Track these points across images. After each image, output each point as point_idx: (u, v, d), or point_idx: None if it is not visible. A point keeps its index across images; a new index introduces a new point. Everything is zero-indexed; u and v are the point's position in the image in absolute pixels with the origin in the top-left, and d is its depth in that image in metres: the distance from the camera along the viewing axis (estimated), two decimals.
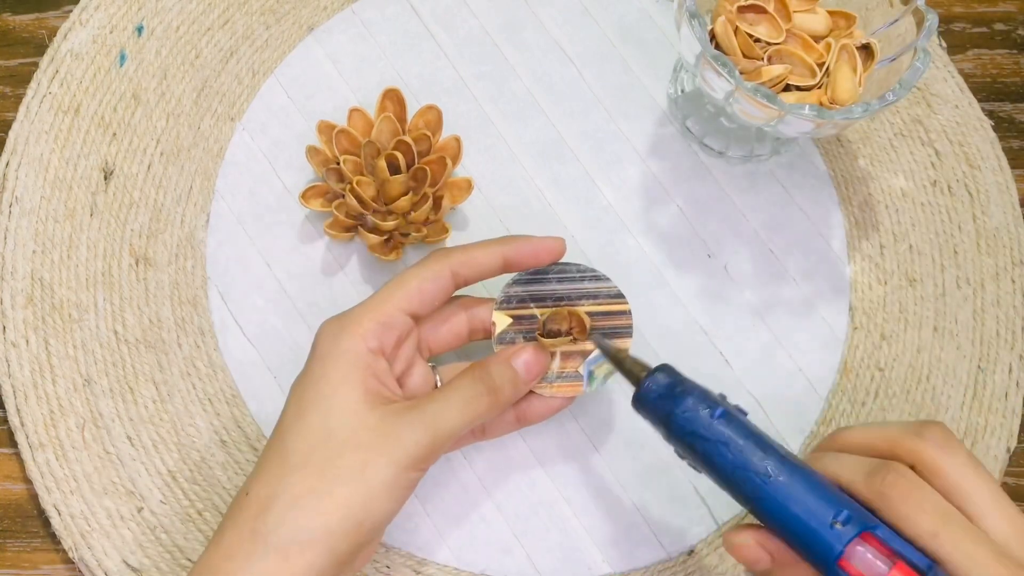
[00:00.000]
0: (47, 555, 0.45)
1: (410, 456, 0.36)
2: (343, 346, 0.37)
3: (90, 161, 0.48)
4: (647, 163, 0.50)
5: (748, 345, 0.48)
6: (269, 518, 0.35)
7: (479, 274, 0.40)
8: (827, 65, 0.44)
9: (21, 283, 0.47)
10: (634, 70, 0.51)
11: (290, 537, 0.34)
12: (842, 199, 0.50)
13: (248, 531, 0.35)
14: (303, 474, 0.35)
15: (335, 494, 0.35)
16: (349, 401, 0.36)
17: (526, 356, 0.40)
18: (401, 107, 0.47)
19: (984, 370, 0.48)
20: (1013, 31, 0.54)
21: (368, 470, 0.35)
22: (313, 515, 0.34)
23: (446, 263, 0.40)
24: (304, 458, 0.36)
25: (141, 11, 0.50)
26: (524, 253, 0.41)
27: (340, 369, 0.37)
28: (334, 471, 0.35)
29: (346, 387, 0.36)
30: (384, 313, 0.38)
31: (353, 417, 0.36)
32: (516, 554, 0.45)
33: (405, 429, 0.36)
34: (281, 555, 0.34)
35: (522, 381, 0.40)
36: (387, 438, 0.36)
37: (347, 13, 0.51)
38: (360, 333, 0.37)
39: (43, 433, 0.45)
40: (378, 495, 0.35)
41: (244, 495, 0.36)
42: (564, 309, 0.42)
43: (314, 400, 0.37)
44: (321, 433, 0.36)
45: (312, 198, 0.47)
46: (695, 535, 0.46)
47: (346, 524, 0.35)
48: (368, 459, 0.35)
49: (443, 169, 0.46)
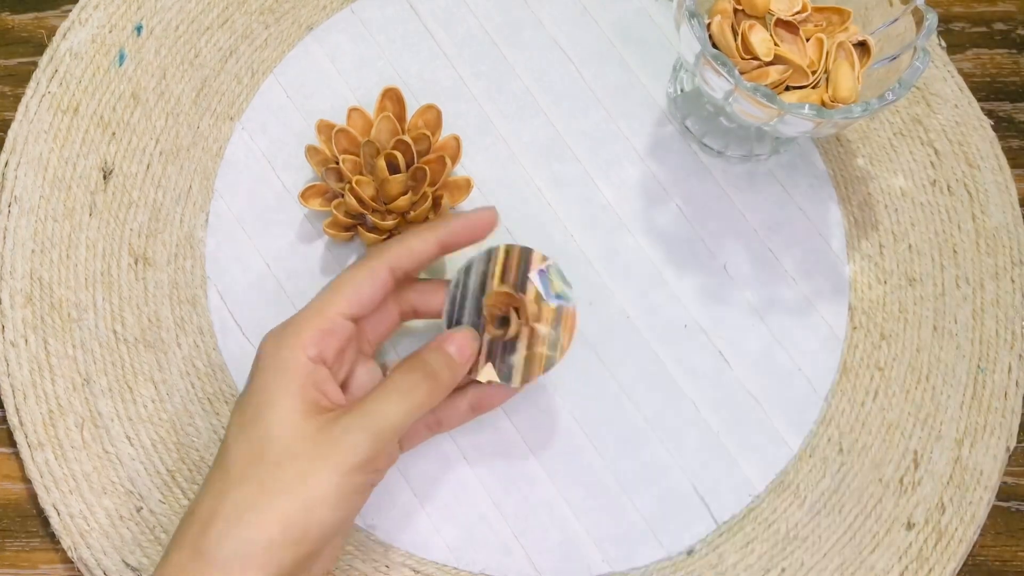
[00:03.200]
0: (46, 555, 0.45)
1: (351, 460, 0.35)
2: (282, 357, 0.37)
3: (89, 161, 0.48)
4: (646, 162, 0.50)
5: (748, 345, 0.48)
6: (210, 534, 0.34)
7: (417, 264, 0.41)
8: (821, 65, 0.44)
9: (20, 282, 0.47)
10: (633, 69, 0.51)
11: (232, 553, 0.34)
12: (841, 199, 0.50)
13: (190, 549, 0.34)
14: (243, 488, 0.35)
15: (275, 506, 0.34)
16: (288, 412, 0.36)
17: (458, 339, 0.40)
18: (400, 106, 0.47)
19: (984, 370, 0.48)
20: (1013, 31, 0.54)
21: (309, 480, 0.35)
22: (254, 529, 0.34)
23: (382, 260, 0.40)
24: (244, 472, 0.35)
25: (140, 10, 0.50)
26: (458, 232, 0.41)
27: (279, 381, 0.37)
28: (273, 483, 0.35)
29: (285, 399, 0.36)
30: (325, 319, 0.38)
31: (292, 428, 0.36)
32: (515, 554, 0.45)
33: (343, 434, 0.36)
34: (223, 572, 0.34)
35: (458, 364, 0.40)
36: (325, 445, 0.36)
37: (346, 13, 0.51)
38: (300, 344, 0.37)
39: (42, 432, 0.45)
40: (321, 503, 0.35)
41: (188, 514, 0.36)
42: (502, 290, 0.41)
43: (254, 414, 0.37)
44: (260, 446, 0.36)
45: (311, 197, 0.47)
46: (694, 535, 0.46)
47: (288, 535, 0.34)
48: (308, 468, 0.35)
49: (442, 168, 0.46)
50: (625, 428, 0.47)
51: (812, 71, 0.44)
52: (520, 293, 0.41)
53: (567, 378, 0.47)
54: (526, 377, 0.40)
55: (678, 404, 0.47)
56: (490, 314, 0.41)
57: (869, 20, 0.46)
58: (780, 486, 0.46)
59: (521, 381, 0.40)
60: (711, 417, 0.47)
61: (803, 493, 0.46)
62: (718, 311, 0.48)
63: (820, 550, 0.46)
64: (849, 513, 0.46)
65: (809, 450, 0.47)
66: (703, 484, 0.46)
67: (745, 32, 0.44)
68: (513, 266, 0.42)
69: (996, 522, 0.47)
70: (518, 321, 0.41)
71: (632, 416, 0.47)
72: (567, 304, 0.41)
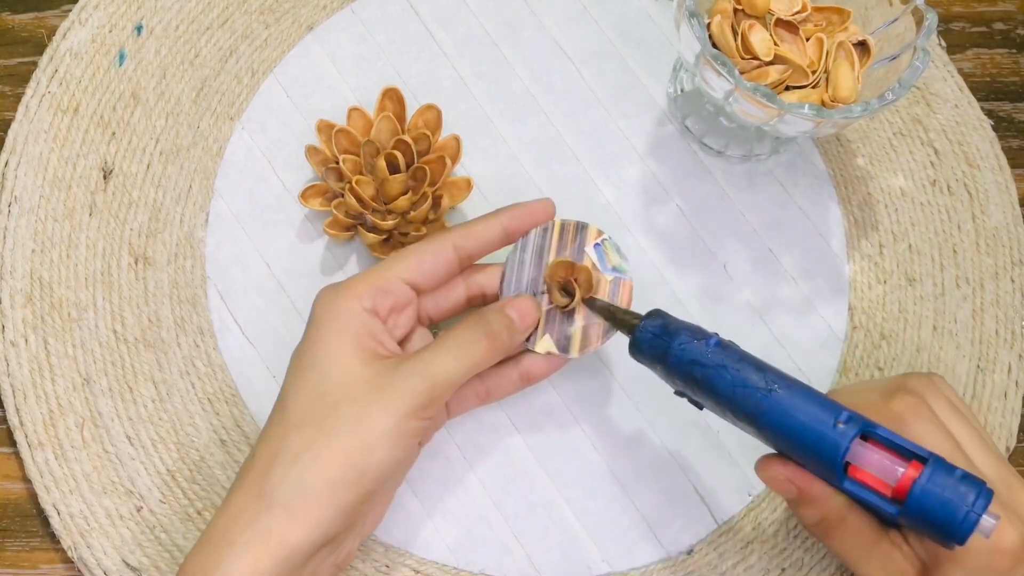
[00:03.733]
0: (46, 554, 0.45)
1: (407, 405, 0.36)
2: (338, 307, 0.38)
3: (89, 160, 0.48)
4: (646, 162, 0.50)
5: (748, 345, 0.48)
6: (272, 476, 0.35)
7: (482, 247, 0.41)
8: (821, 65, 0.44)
9: (20, 282, 0.47)
10: (633, 69, 0.51)
11: (293, 492, 0.35)
12: (841, 198, 0.50)
13: (253, 491, 0.35)
14: (302, 431, 0.36)
15: (333, 446, 0.35)
16: (344, 358, 0.37)
17: (520, 304, 0.41)
18: (401, 106, 0.47)
19: (983, 369, 0.48)
20: (1012, 31, 0.54)
21: (365, 421, 0.36)
22: (314, 469, 0.35)
23: (447, 238, 0.41)
24: (302, 416, 0.36)
25: (140, 10, 0.50)
26: (520, 218, 0.42)
27: (334, 329, 0.38)
28: (331, 425, 0.36)
29: (341, 345, 0.37)
30: (381, 279, 0.39)
31: (348, 373, 0.37)
32: (516, 553, 0.45)
33: (400, 379, 0.37)
34: (286, 511, 0.35)
35: (518, 328, 0.40)
36: (383, 390, 0.37)
37: (346, 12, 0.51)
38: (354, 294, 0.38)
39: (42, 432, 0.45)
40: (378, 444, 0.36)
41: (249, 458, 0.37)
42: (563, 260, 0.42)
43: (310, 361, 0.38)
44: (318, 391, 0.37)
45: (311, 197, 0.47)
46: (695, 535, 0.46)
47: (348, 474, 0.35)
48: (364, 411, 0.36)
49: (442, 168, 0.46)
50: (625, 428, 0.47)
51: (812, 71, 0.44)
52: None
53: (567, 378, 0.47)
54: (583, 347, 0.41)
55: (678, 404, 0.47)
56: (549, 285, 0.42)
57: (869, 20, 0.46)
58: None
59: (579, 351, 0.41)
60: (711, 417, 0.47)
61: None
62: (718, 311, 0.48)
63: (820, 550, 0.46)
64: None
65: None
66: (703, 484, 0.46)
67: (745, 32, 0.44)
68: (569, 240, 0.43)
69: None
70: (579, 291, 0.41)
71: (632, 416, 0.47)
72: (624, 277, 0.42)
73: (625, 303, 0.42)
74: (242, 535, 0.34)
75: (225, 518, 0.35)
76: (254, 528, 0.34)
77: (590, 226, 0.43)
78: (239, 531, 0.35)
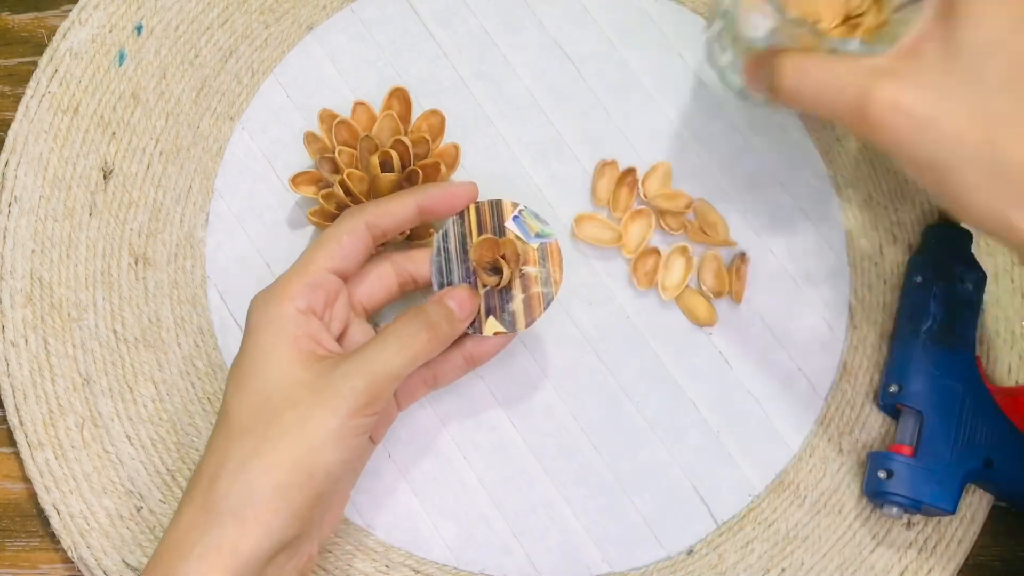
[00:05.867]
0: (46, 554, 0.45)
1: (350, 404, 0.36)
2: (272, 312, 0.38)
3: (89, 160, 0.48)
4: (646, 163, 0.50)
5: (748, 345, 0.48)
6: (219, 486, 0.35)
7: (395, 224, 0.41)
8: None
9: (20, 282, 0.47)
10: (633, 69, 0.51)
11: (242, 500, 0.34)
12: (842, 199, 0.50)
13: (201, 502, 0.35)
14: (246, 439, 0.36)
15: (279, 452, 0.35)
16: (283, 363, 0.37)
17: (458, 294, 0.41)
18: (406, 108, 0.48)
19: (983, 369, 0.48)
20: None
21: (309, 424, 0.36)
22: (261, 475, 0.35)
23: (360, 217, 0.41)
24: (246, 425, 0.36)
25: (140, 10, 0.50)
26: (436, 198, 0.42)
27: (270, 334, 0.38)
28: (276, 431, 0.35)
29: (278, 350, 0.37)
30: (308, 274, 0.39)
31: (288, 377, 0.37)
32: (515, 553, 0.45)
33: (340, 379, 0.36)
34: (236, 520, 0.34)
35: (457, 318, 0.40)
36: (324, 391, 0.36)
37: (346, 12, 0.51)
38: (287, 296, 0.38)
39: (42, 432, 0.45)
40: (323, 446, 0.36)
41: (195, 473, 0.36)
42: (486, 238, 0.42)
43: (249, 370, 0.37)
44: (259, 399, 0.36)
45: (303, 184, 0.47)
46: (695, 535, 0.46)
47: (296, 478, 0.35)
48: (307, 414, 0.36)
49: (436, 174, 0.45)
50: (625, 428, 0.47)
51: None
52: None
53: (567, 378, 0.47)
54: (529, 319, 0.42)
55: (678, 404, 0.47)
56: (479, 267, 0.42)
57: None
58: (780, 486, 0.46)
59: (526, 324, 0.42)
60: (711, 417, 0.47)
61: (803, 493, 0.46)
62: (718, 311, 0.48)
63: (820, 550, 0.46)
64: (849, 513, 0.46)
65: (809, 450, 0.47)
66: (703, 484, 0.46)
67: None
68: (487, 220, 0.43)
69: (996, 522, 0.47)
70: (508, 267, 0.42)
71: (632, 416, 0.47)
72: (548, 240, 0.43)
73: (556, 263, 0.42)
74: (194, 548, 0.34)
75: (176, 532, 0.35)
76: (206, 540, 0.34)
77: (504, 201, 0.43)
78: (191, 544, 0.34)
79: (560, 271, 0.42)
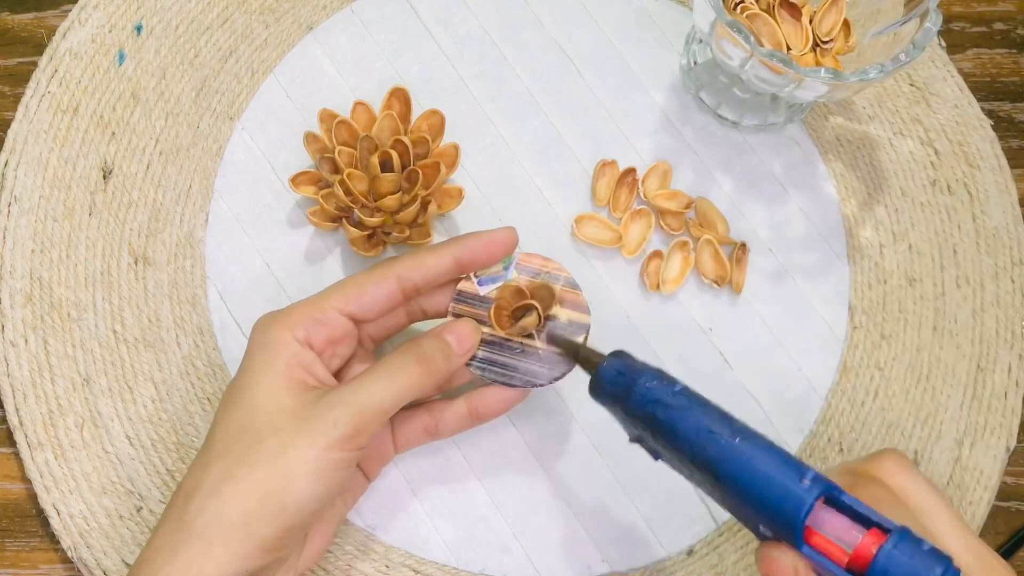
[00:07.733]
0: (46, 555, 0.45)
1: (330, 435, 0.35)
2: (270, 337, 0.37)
3: (89, 160, 0.48)
4: (646, 162, 0.50)
5: (748, 345, 0.48)
6: (191, 506, 0.35)
7: (430, 279, 0.40)
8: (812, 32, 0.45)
9: (20, 282, 0.47)
10: (633, 69, 0.51)
11: (211, 523, 0.34)
12: (841, 198, 0.50)
13: (174, 522, 0.35)
14: (224, 461, 0.35)
15: (254, 477, 0.35)
16: (272, 388, 0.36)
17: (458, 328, 0.40)
18: (406, 108, 0.48)
19: (984, 369, 0.48)
20: (1013, 31, 0.54)
21: (287, 453, 0.35)
22: (232, 500, 0.34)
23: (392, 269, 0.39)
24: (226, 446, 0.36)
25: (140, 10, 0.50)
26: (475, 250, 0.40)
27: (264, 359, 0.37)
28: (253, 456, 0.35)
29: (269, 375, 0.37)
30: (319, 310, 0.38)
31: (275, 403, 0.36)
32: (515, 553, 0.45)
33: (325, 409, 0.36)
34: (204, 542, 0.34)
35: (455, 353, 0.39)
36: (306, 420, 0.36)
37: (346, 12, 0.51)
38: (288, 325, 0.38)
39: (42, 432, 0.45)
40: (299, 477, 0.35)
41: (175, 490, 0.36)
42: (514, 284, 0.41)
43: (238, 391, 0.37)
44: (243, 422, 0.36)
45: (302, 184, 0.47)
46: (694, 535, 0.46)
47: (266, 507, 0.34)
48: (287, 442, 0.35)
49: (436, 174, 0.45)
50: None
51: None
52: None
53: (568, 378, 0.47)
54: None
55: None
56: (499, 310, 0.41)
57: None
58: None
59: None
60: None
61: None
62: (718, 311, 0.48)
63: None
64: None
65: (809, 450, 0.47)
66: None
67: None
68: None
69: (996, 522, 0.47)
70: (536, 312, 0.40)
71: None
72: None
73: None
74: (163, 568, 0.34)
75: (150, 550, 0.35)
76: (174, 561, 0.34)
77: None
78: (161, 563, 0.34)
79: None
